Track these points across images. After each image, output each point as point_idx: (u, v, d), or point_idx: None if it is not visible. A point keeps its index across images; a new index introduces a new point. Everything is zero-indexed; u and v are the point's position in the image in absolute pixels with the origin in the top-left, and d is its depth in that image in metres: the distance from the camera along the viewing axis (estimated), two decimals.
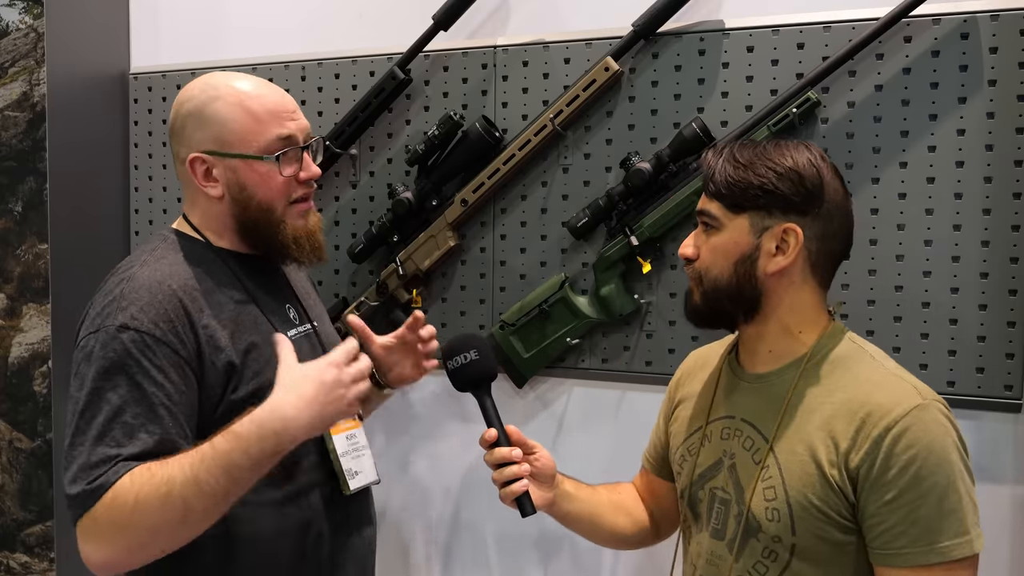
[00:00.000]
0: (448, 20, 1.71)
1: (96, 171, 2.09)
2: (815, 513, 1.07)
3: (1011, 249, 1.44)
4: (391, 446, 1.95)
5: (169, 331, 1.16)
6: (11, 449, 2.10)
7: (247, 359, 1.22)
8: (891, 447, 1.03)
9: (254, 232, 1.28)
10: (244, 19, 2.02)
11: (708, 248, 1.14)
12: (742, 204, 1.10)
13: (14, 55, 2.05)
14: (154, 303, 1.16)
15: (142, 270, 1.21)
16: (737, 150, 1.12)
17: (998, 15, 1.42)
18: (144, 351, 1.14)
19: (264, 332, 1.24)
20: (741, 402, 1.18)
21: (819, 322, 1.14)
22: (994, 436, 1.47)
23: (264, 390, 1.16)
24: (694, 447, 1.23)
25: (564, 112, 1.65)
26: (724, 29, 1.59)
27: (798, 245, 1.10)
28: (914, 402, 1.05)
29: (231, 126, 1.24)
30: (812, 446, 1.08)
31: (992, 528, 1.47)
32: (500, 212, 1.78)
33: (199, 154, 1.24)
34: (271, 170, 1.25)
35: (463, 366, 1.26)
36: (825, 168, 1.11)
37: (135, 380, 1.13)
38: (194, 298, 1.20)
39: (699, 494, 1.21)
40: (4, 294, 2.10)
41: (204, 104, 1.25)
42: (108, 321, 1.15)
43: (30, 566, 2.10)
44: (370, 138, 1.88)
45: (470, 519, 1.88)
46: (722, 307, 1.15)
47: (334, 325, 1.88)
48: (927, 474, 1.02)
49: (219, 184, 1.25)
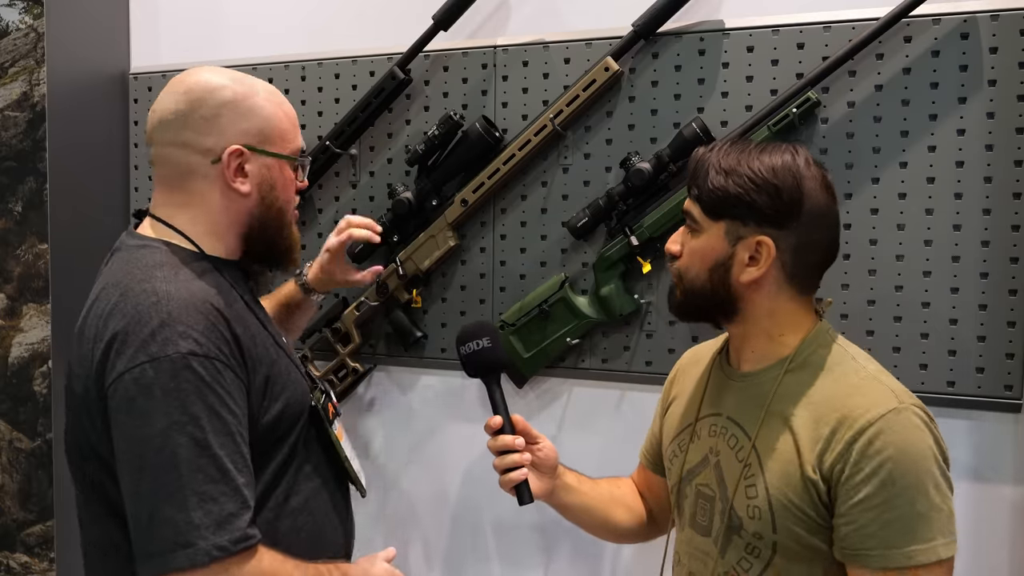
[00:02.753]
0: (448, 20, 1.71)
1: (96, 171, 2.09)
2: (794, 512, 1.08)
3: (1011, 249, 1.44)
4: (391, 446, 1.95)
5: (230, 354, 1.10)
6: (11, 449, 2.10)
7: (272, 377, 1.17)
8: (864, 449, 1.03)
9: (264, 234, 1.24)
10: (244, 19, 2.02)
11: (688, 249, 1.16)
12: (719, 211, 1.11)
13: (14, 55, 2.05)
14: (209, 326, 1.08)
15: (172, 287, 1.10)
16: (723, 154, 1.11)
17: (998, 15, 1.42)
18: (216, 378, 1.06)
19: (273, 347, 1.21)
20: (728, 400, 1.19)
21: (802, 324, 1.14)
22: (994, 436, 1.47)
23: (290, 409, 1.17)
24: (683, 443, 1.24)
25: (564, 112, 1.65)
26: (724, 29, 1.59)
27: (770, 258, 1.09)
28: (890, 405, 1.05)
29: (274, 123, 1.20)
30: (792, 446, 1.09)
31: (992, 528, 1.48)
32: (500, 212, 1.78)
33: (239, 147, 1.17)
34: (291, 174, 1.25)
35: (476, 352, 1.29)
36: (809, 178, 1.09)
37: (215, 411, 1.05)
38: (227, 314, 1.12)
39: (686, 490, 1.22)
40: (4, 294, 2.10)
41: (244, 96, 1.19)
42: (169, 349, 1.05)
43: (30, 566, 2.10)
44: (370, 138, 1.88)
45: (470, 519, 1.88)
46: (700, 307, 1.17)
47: (334, 325, 1.90)
48: (899, 477, 1.02)
49: (248, 181, 1.19)
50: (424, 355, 1.87)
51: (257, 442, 1.13)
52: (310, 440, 1.24)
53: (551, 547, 1.80)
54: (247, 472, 1.08)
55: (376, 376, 1.94)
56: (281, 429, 1.18)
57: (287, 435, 1.19)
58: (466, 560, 1.89)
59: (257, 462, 1.13)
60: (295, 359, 1.29)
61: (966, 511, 1.49)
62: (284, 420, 1.17)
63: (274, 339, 1.23)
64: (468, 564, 1.89)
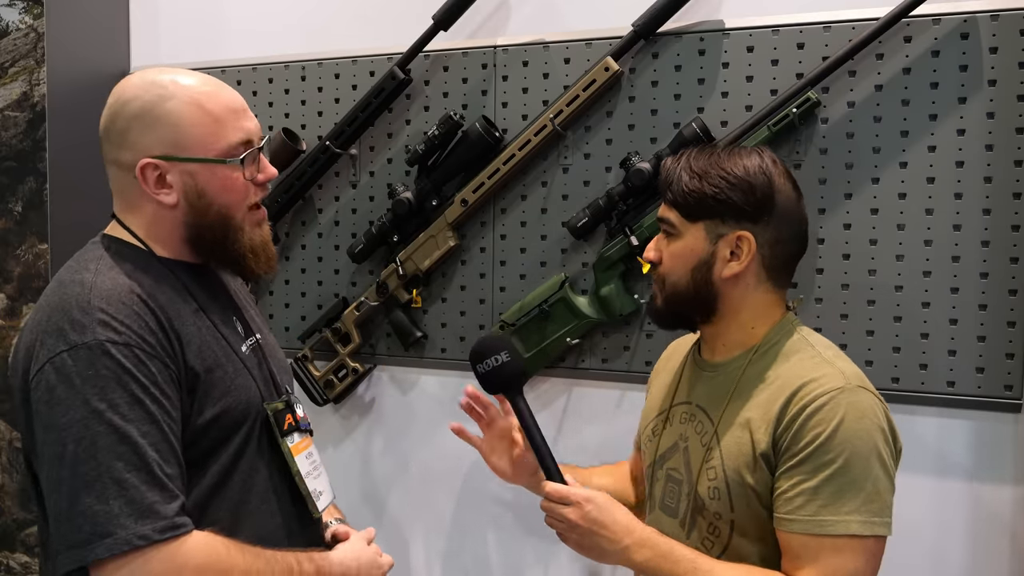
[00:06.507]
0: (448, 20, 1.71)
1: (96, 171, 2.07)
2: (748, 491, 1.12)
3: (1011, 249, 1.44)
4: (391, 446, 1.95)
5: (156, 344, 1.06)
6: (11, 449, 2.10)
7: (212, 379, 1.13)
8: (805, 421, 1.08)
9: (209, 241, 1.17)
10: (244, 19, 2.02)
11: (668, 254, 1.20)
12: (697, 213, 1.16)
13: (14, 55, 2.05)
14: (132, 314, 1.06)
15: (98, 278, 1.08)
16: (693, 159, 1.18)
17: (998, 15, 1.42)
18: (138, 366, 1.04)
19: (222, 349, 1.17)
20: (698, 389, 1.24)
21: (772, 316, 1.19)
22: (994, 436, 1.47)
23: (228, 415, 1.13)
24: (658, 429, 1.30)
25: (564, 112, 1.65)
26: (724, 29, 1.59)
27: (751, 251, 1.15)
28: (836, 384, 1.09)
29: (189, 128, 1.12)
30: (748, 427, 1.14)
31: (992, 528, 1.48)
32: (500, 212, 1.78)
33: (151, 160, 1.11)
34: (232, 174, 1.15)
35: (495, 368, 1.26)
36: (776, 174, 1.15)
37: (137, 398, 1.03)
38: (163, 308, 1.10)
39: (658, 474, 1.28)
40: (4, 294, 2.10)
41: (153, 104, 1.12)
42: (87, 336, 1.03)
43: (30, 566, 2.10)
44: (370, 138, 1.88)
45: (470, 518, 1.88)
46: (681, 310, 1.21)
47: (334, 325, 1.90)
48: (833, 447, 1.06)
49: (173, 191, 1.13)
50: (424, 355, 1.87)
51: (195, 440, 1.10)
52: (263, 450, 1.19)
53: (551, 547, 1.80)
54: (174, 461, 1.05)
55: (376, 376, 1.94)
56: (217, 432, 1.13)
57: (228, 439, 1.14)
58: (466, 560, 1.90)
59: (198, 460, 1.11)
60: (255, 367, 1.22)
61: (966, 511, 1.49)
62: (221, 424, 1.12)
63: (228, 343, 1.18)
64: (468, 563, 1.89)
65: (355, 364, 1.90)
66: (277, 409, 1.21)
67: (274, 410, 1.20)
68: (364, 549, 1.26)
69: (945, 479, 1.51)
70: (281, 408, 1.22)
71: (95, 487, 1.00)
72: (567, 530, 1.18)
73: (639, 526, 1.16)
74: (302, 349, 1.94)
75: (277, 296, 2.01)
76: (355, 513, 1.90)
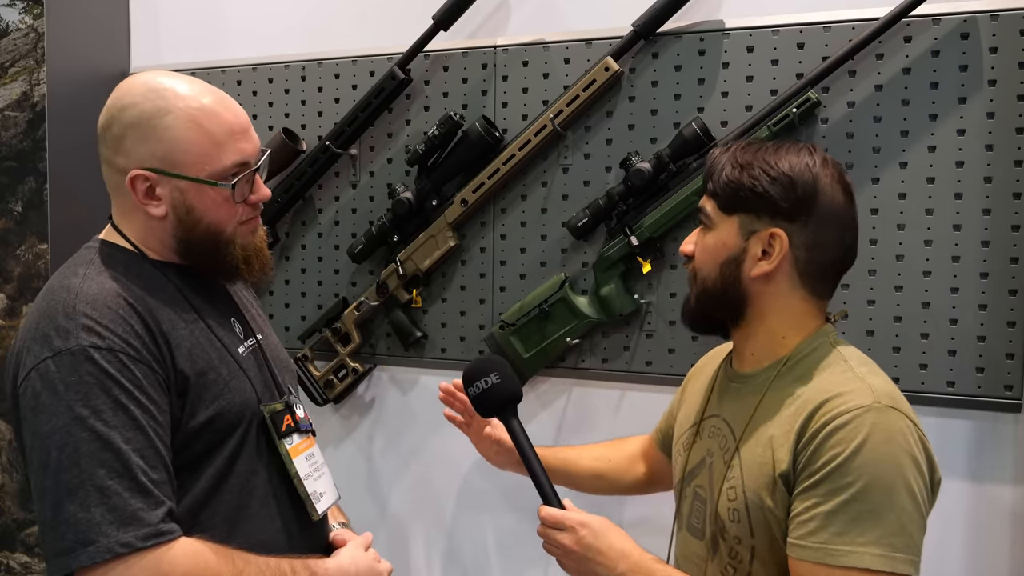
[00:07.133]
0: (448, 20, 1.71)
1: (96, 171, 2.08)
2: (768, 515, 1.05)
3: (1011, 249, 1.44)
4: (391, 446, 1.95)
5: (142, 348, 1.06)
6: (11, 449, 2.10)
7: (204, 381, 1.12)
8: (825, 439, 1.00)
9: (199, 253, 1.17)
10: (244, 19, 2.02)
11: (700, 247, 1.14)
12: (733, 205, 1.10)
13: (14, 55, 2.05)
14: (117, 319, 1.05)
15: (86, 283, 1.08)
16: (741, 150, 1.11)
17: (998, 15, 1.42)
18: (123, 371, 1.03)
19: (217, 352, 1.16)
20: (726, 402, 1.18)
21: (807, 326, 1.11)
22: (994, 436, 1.47)
23: (222, 418, 1.12)
24: (687, 443, 1.24)
25: (564, 112, 1.65)
26: (724, 29, 1.59)
27: (783, 251, 1.07)
28: (863, 402, 1.01)
29: (184, 146, 1.10)
30: (771, 445, 1.06)
31: (992, 528, 1.48)
32: (500, 212, 1.78)
33: (142, 172, 1.11)
34: (224, 196, 1.14)
35: (484, 391, 1.23)
36: (824, 175, 1.08)
37: (121, 404, 1.02)
38: (151, 312, 1.09)
39: (686, 491, 1.22)
40: (4, 294, 2.10)
41: (151, 116, 1.10)
42: (70, 342, 1.03)
43: (30, 566, 2.10)
44: (370, 138, 1.88)
45: (470, 519, 1.88)
46: (711, 311, 1.14)
47: (334, 325, 1.90)
48: (851, 469, 0.97)
49: (163, 203, 1.13)
50: (424, 355, 1.87)
51: (188, 444, 1.09)
52: (262, 452, 1.18)
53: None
54: (161, 467, 1.04)
55: (376, 376, 1.94)
56: (211, 435, 1.12)
57: (222, 442, 1.14)
58: (466, 559, 1.90)
59: (191, 464, 1.10)
60: (253, 368, 1.22)
61: (966, 511, 1.49)
62: (215, 427, 1.12)
63: (224, 345, 1.17)
64: (468, 563, 1.89)
65: (355, 364, 1.90)
66: (275, 410, 1.20)
67: (271, 411, 1.19)
68: (362, 555, 1.24)
69: (945, 479, 1.49)
70: (280, 409, 1.21)
71: (78, 495, 0.99)
72: (563, 556, 1.14)
73: (636, 551, 1.12)
74: (302, 349, 1.94)
75: (277, 296, 2.01)
76: (355, 513, 1.90)
